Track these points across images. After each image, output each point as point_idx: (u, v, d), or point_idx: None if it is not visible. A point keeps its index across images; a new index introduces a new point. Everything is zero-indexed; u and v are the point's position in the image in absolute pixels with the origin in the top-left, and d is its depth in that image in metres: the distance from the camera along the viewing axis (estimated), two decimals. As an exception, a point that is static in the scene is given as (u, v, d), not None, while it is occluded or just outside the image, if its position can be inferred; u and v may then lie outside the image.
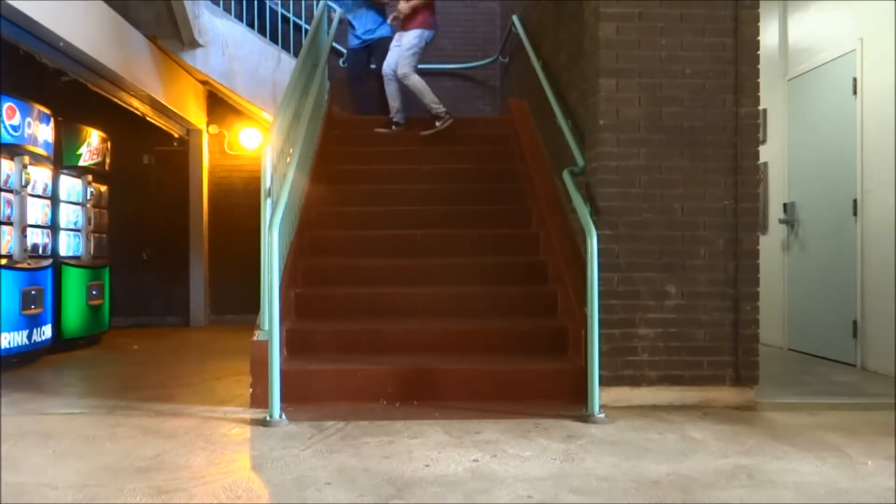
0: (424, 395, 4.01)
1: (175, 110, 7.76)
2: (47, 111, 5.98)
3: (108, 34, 6.10)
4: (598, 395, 3.73)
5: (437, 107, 6.64)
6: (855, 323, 5.19)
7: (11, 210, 5.53)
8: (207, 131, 8.85)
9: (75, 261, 6.51)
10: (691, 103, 4.06)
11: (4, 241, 5.43)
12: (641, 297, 4.02)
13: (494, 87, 9.22)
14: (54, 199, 6.20)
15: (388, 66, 6.95)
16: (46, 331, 5.92)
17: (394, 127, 6.94)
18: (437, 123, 6.58)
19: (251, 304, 4.38)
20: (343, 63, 8.29)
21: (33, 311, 5.69)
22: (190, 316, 8.71)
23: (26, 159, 5.65)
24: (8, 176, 5.48)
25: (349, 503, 2.51)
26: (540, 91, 5.59)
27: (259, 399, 3.83)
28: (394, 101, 6.96)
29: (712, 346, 4.02)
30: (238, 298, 8.20)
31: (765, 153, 5.50)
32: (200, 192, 8.80)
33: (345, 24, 7.80)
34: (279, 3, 8.53)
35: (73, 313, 6.40)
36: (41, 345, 5.81)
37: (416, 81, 6.75)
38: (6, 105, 5.40)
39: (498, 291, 4.93)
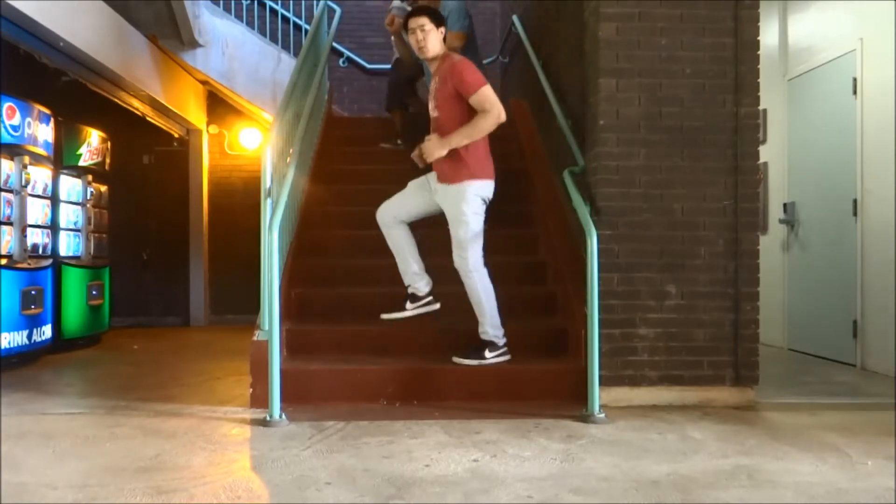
0: (424, 395, 4.01)
1: (175, 110, 7.77)
2: (47, 111, 5.98)
3: (107, 34, 6.10)
4: (598, 395, 3.73)
5: (496, 333, 4.13)
6: (855, 323, 5.19)
7: (11, 210, 5.53)
8: (207, 131, 8.86)
9: (75, 261, 6.51)
10: (691, 103, 4.06)
11: (4, 241, 5.43)
12: (641, 297, 4.02)
13: (494, 87, 9.20)
14: (54, 199, 6.21)
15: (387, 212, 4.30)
16: (46, 331, 5.92)
17: (408, 306, 4.29)
18: (487, 353, 4.08)
19: (251, 304, 4.38)
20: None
21: (33, 311, 5.69)
22: (190, 316, 8.72)
23: (26, 159, 5.65)
24: (8, 176, 5.48)
25: (349, 503, 2.51)
26: (540, 91, 5.58)
27: (259, 399, 3.83)
28: (406, 263, 4.29)
29: (712, 346, 4.02)
30: (238, 298, 8.22)
31: (765, 153, 5.50)
32: (200, 193, 8.81)
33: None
34: (279, 3, 8.55)
35: (73, 313, 6.40)
36: (41, 345, 5.81)
37: (482, 281, 4.08)
38: (6, 105, 5.40)
39: (498, 291, 4.92)
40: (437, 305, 4.24)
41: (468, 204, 3.98)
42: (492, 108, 3.89)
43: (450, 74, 3.97)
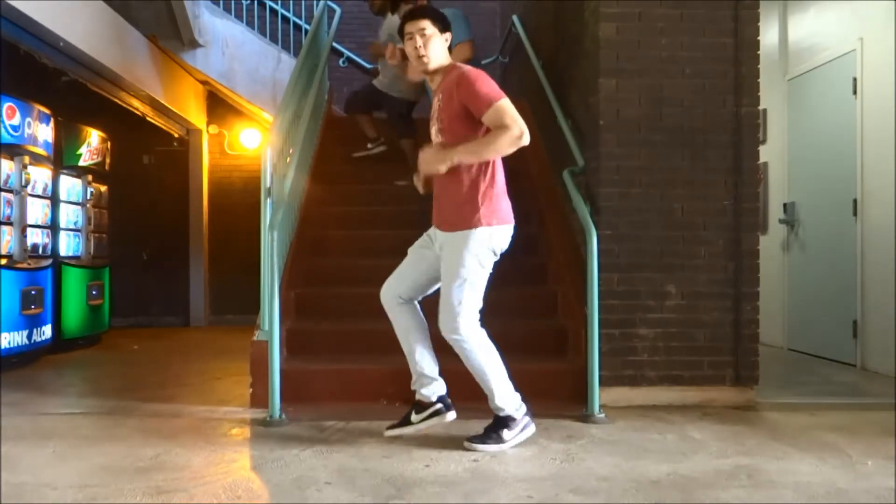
0: (424, 395, 4.00)
1: (175, 110, 7.77)
2: (47, 111, 5.98)
3: (108, 34, 6.10)
4: (598, 395, 3.73)
5: (512, 405, 3.23)
6: (855, 323, 5.19)
7: (11, 210, 5.53)
8: (207, 131, 8.85)
9: (75, 261, 6.51)
10: (691, 103, 4.06)
11: (4, 241, 5.43)
12: (641, 297, 4.02)
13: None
14: (54, 199, 6.20)
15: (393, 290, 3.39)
16: (46, 331, 5.92)
17: (413, 417, 3.37)
18: (506, 434, 3.18)
19: (251, 304, 4.38)
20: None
21: (33, 311, 5.69)
22: (190, 316, 8.72)
23: (26, 159, 5.65)
24: (8, 176, 5.48)
25: (349, 503, 2.51)
26: (540, 91, 5.58)
27: (259, 399, 3.83)
28: (413, 358, 3.38)
29: (712, 346, 4.02)
30: (238, 298, 8.20)
31: (765, 153, 5.50)
32: (200, 193, 8.80)
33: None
34: (279, 3, 8.54)
35: (73, 313, 6.40)
36: (41, 345, 5.81)
37: (480, 348, 3.20)
38: (6, 105, 5.40)
39: (497, 291, 4.90)
40: (453, 415, 3.31)
41: (472, 251, 3.10)
42: (512, 125, 3.00)
43: (456, 86, 3.08)
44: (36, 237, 5.89)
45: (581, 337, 4.01)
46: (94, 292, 6.71)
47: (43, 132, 5.92)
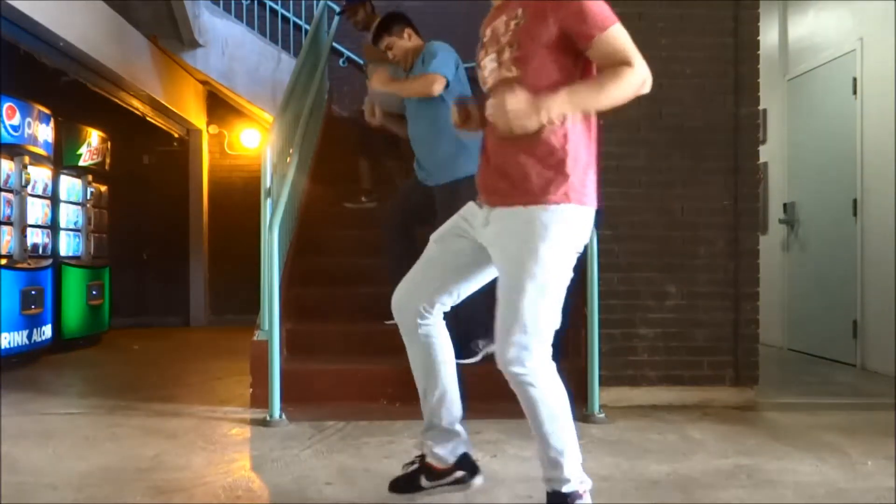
0: (424, 395, 4.00)
1: (175, 110, 7.77)
2: (47, 111, 5.98)
3: (107, 34, 6.11)
4: (598, 395, 3.73)
5: (578, 472, 2.22)
6: (855, 323, 5.19)
7: (11, 210, 5.53)
8: (207, 131, 8.86)
9: (75, 261, 6.51)
10: (691, 103, 4.06)
11: (4, 241, 5.43)
12: (641, 297, 4.02)
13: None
14: (54, 199, 6.20)
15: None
16: (46, 331, 5.91)
17: (424, 482, 2.48)
18: None
19: (251, 304, 4.38)
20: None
21: (33, 311, 5.69)
22: (190, 316, 8.73)
23: (26, 159, 5.65)
24: (8, 176, 5.48)
25: (349, 503, 2.51)
26: (540, 91, 5.57)
27: (259, 399, 3.82)
28: (428, 402, 2.51)
29: (712, 346, 4.02)
30: (238, 298, 8.20)
31: (765, 153, 5.49)
32: (200, 193, 8.81)
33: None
34: (279, 3, 8.54)
35: (73, 313, 6.40)
36: (41, 345, 5.81)
37: (550, 392, 2.26)
38: (6, 105, 5.40)
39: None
40: (480, 480, 2.44)
41: (553, 239, 2.06)
42: (634, 61, 2.06)
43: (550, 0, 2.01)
44: (36, 237, 5.89)
45: (581, 337, 4.01)
46: (94, 292, 6.71)
47: (43, 132, 5.92)
